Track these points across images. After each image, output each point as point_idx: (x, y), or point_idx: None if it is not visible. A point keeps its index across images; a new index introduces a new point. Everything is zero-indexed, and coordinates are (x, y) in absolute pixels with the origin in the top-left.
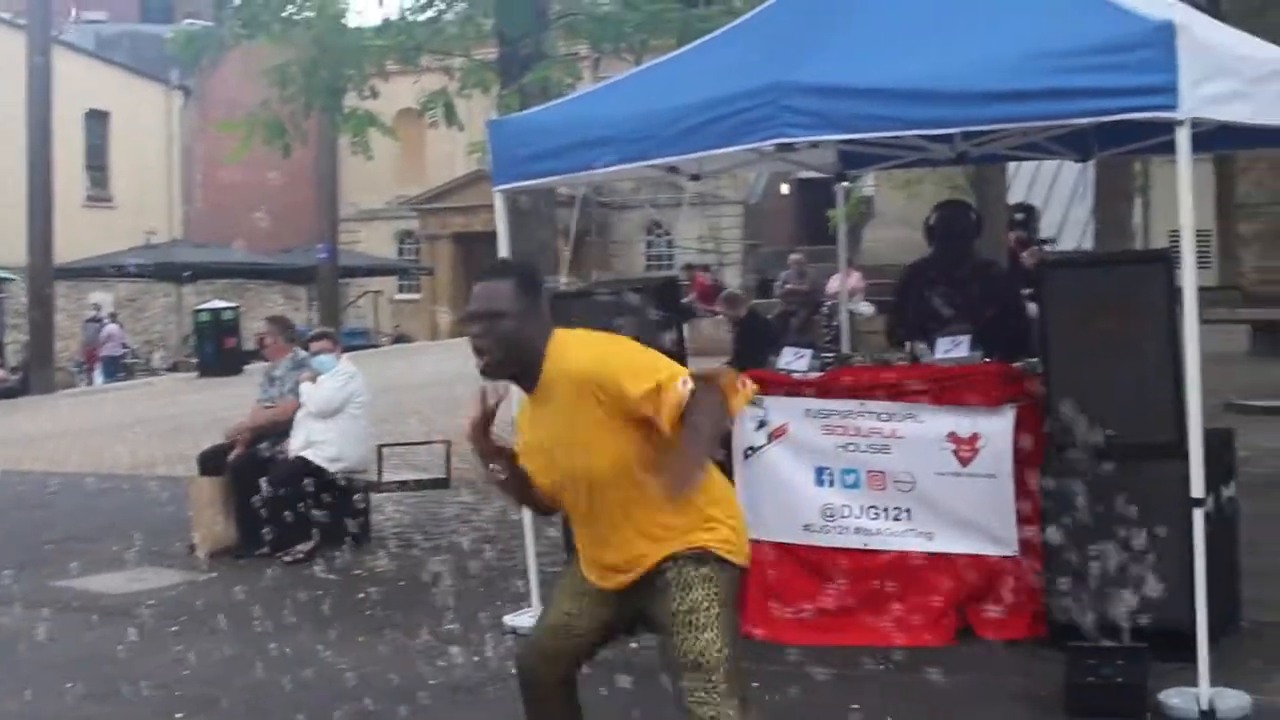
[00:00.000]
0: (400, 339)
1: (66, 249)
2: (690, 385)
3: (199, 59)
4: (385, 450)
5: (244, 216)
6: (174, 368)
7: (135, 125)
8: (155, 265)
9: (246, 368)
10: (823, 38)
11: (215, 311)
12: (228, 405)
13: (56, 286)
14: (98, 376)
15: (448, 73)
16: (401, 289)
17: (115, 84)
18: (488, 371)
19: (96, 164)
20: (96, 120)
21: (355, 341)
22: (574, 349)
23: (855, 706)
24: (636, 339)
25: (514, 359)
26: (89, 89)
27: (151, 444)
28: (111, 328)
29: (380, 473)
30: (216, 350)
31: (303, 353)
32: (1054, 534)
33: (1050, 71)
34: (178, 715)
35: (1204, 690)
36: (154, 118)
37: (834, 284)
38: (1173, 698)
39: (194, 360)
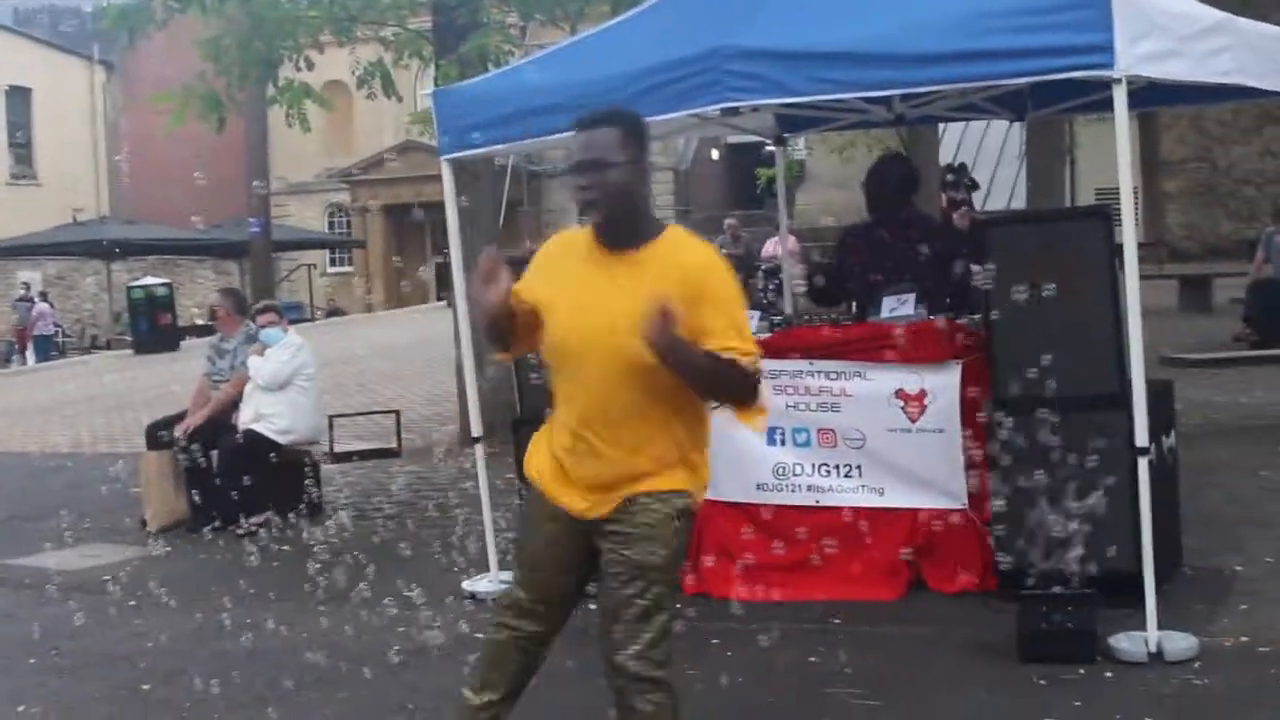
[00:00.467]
0: (334, 313)
1: None
2: (751, 360)
3: (132, 34)
4: (335, 421)
5: (171, 192)
6: (107, 345)
7: (58, 101)
8: (84, 243)
9: (183, 343)
10: (762, 2)
11: (149, 288)
12: (165, 381)
13: None
14: (30, 356)
15: (382, 43)
16: (333, 262)
17: (36, 59)
18: (600, 230)
19: (19, 141)
20: (18, 96)
21: (289, 316)
22: (695, 243)
23: (813, 659)
24: None
25: (625, 213)
26: (9, 64)
27: (93, 421)
28: (42, 306)
29: (331, 444)
30: (151, 327)
31: (253, 326)
32: (1001, 486)
33: (990, 32)
34: (144, 687)
35: (1152, 634)
36: (77, 93)
37: (770, 247)
38: (1122, 641)
39: (127, 337)
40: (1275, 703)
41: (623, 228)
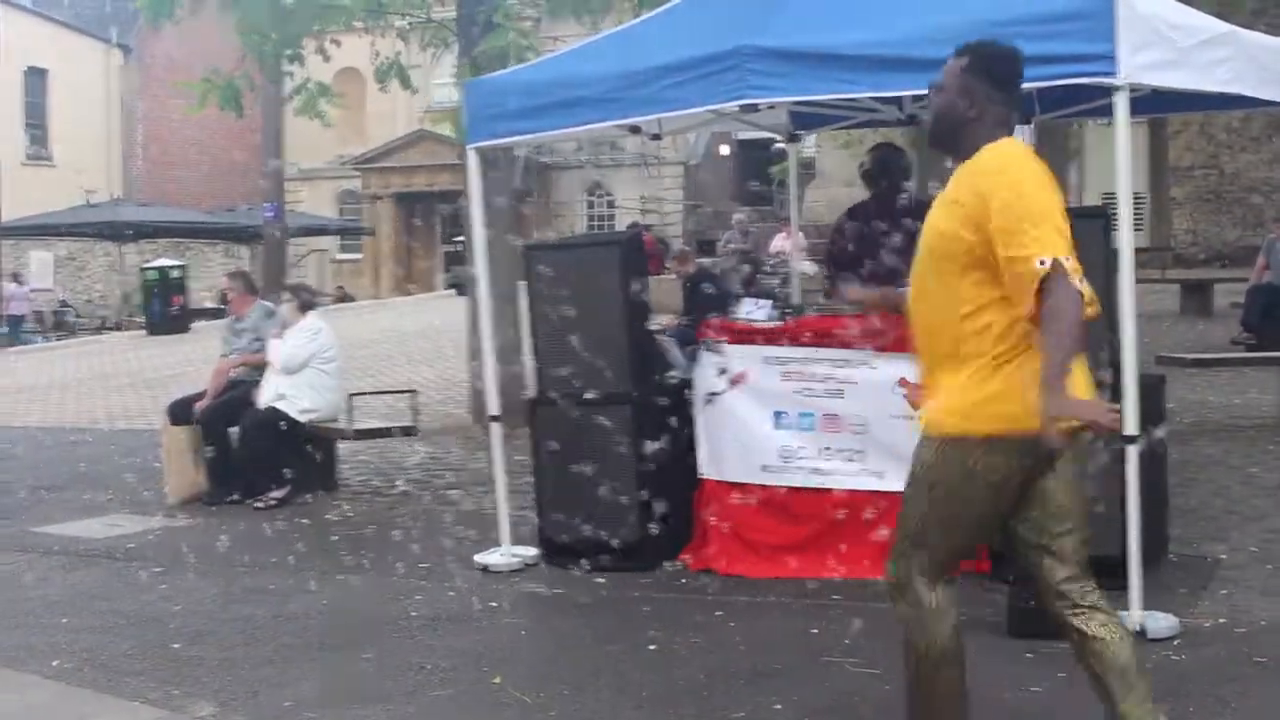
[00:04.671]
0: (343, 299)
1: (6, 208)
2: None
3: (165, 17)
4: (355, 400)
5: (184, 175)
6: (117, 326)
7: (75, 83)
8: (97, 224)
9: (193, 326)
10: (783, 3)
11: (163, 270)
12: (179, 361)
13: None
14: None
15: (400, 35)
16: (343, 249)
17: (54, 41)
18: (931, 144)
19: (35, 122)
20: (35, 78)
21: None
22: (992, 149)
23: (814, 631)
24: (606, 293)
25: (941, 132)
26: (28, 46)
27: (110, 399)
28: (12, 287)
29: (350, 422)
30: (164, 308)
31: (270, 305)
32: None
33: (1001, 39)
34: (174, 645)
35: (1136, 613)
36: (94, 76)
37: (777, 242)
38: None
39: (138, 319)
40: (1248, 677)
41: (945, 143)
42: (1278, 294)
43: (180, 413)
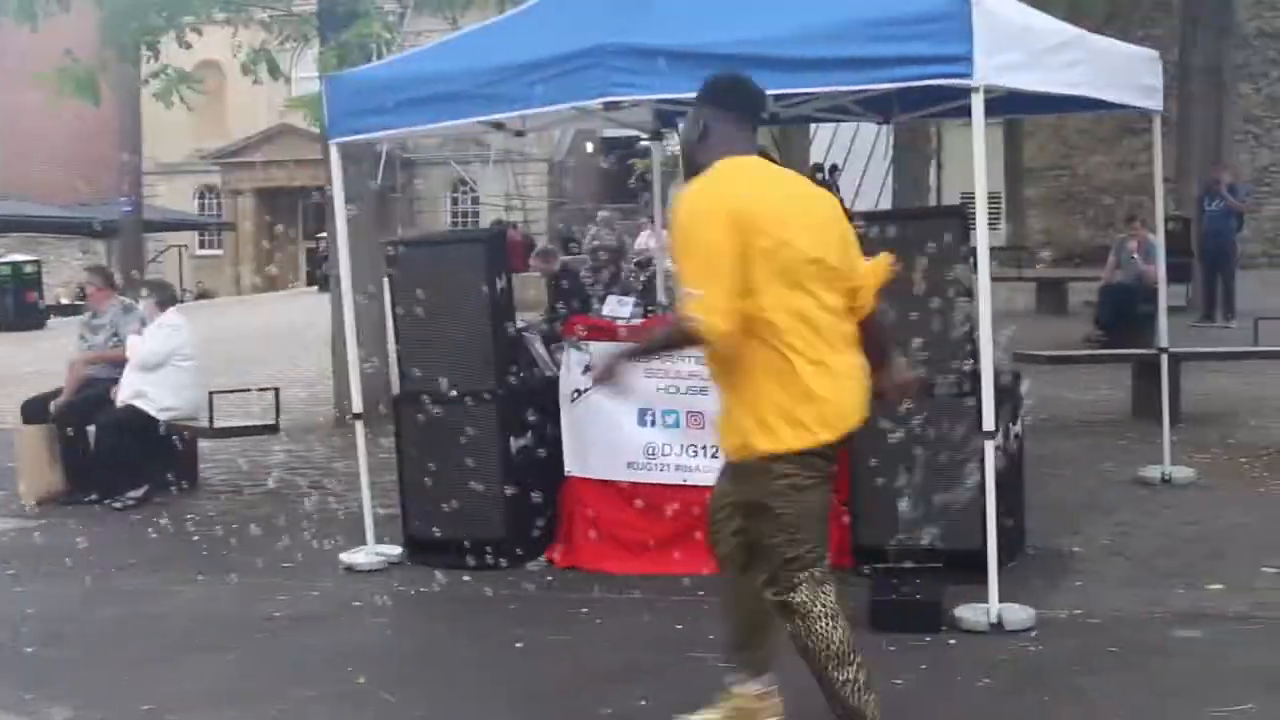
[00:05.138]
0: (203, 295)
1: None
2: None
3: (30, 19)
4: (216, 398)
5: (37, 168)
6: None
7: None
8: None
9: (49, 322)
10: (648, 1)
11: (15, 265)
12: (33, 359)
13: None
14: None
15: (264, 26)
16: (202, 244)
17: None
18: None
19: None
20: None
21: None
22: (698, 182)
23: (679, 627)
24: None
25: (683, 159)
26: None
27: None
28: None
29: (211, 420)
30: (17, 304)
31: (128, 301)
32: (859, 468)
33: (860, 40)
34: (29, 649)
35: (993, 605)
36: None
37: (643, 239)
38: (965, 612)
39: None
40: (1102, 667)
41: (687, 169)
42: (1128, 293)
43: (35, 411)
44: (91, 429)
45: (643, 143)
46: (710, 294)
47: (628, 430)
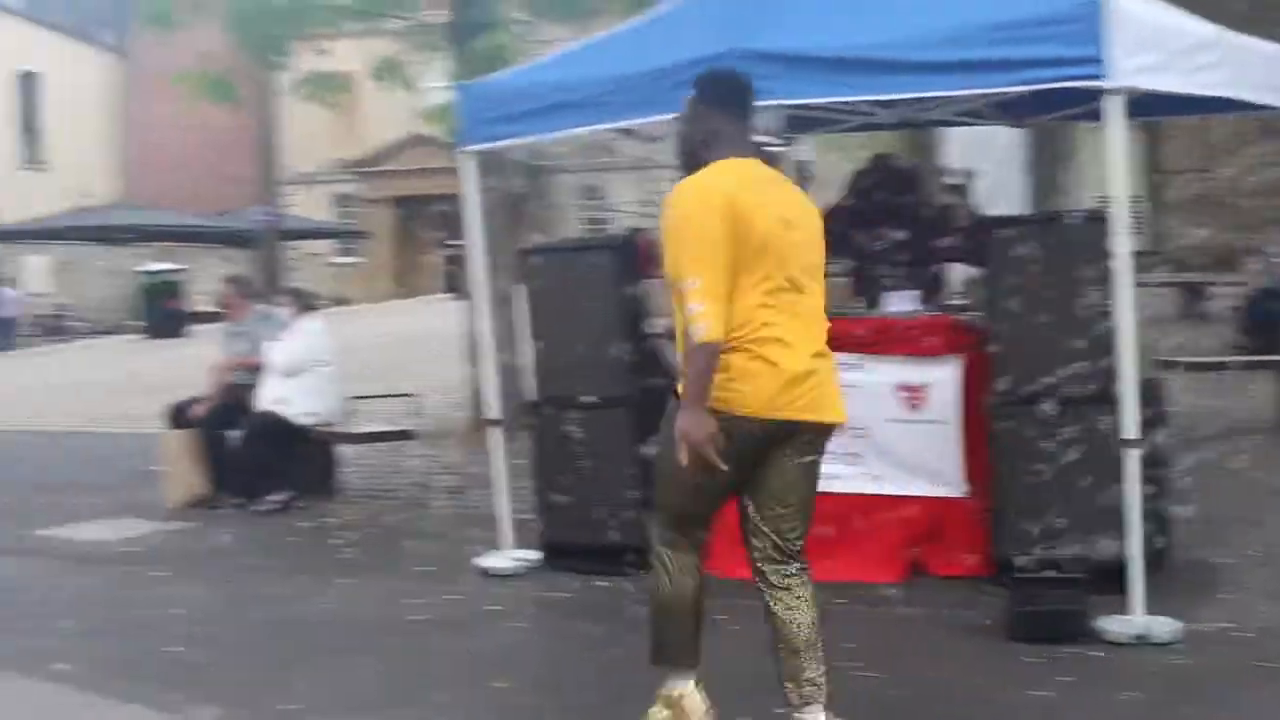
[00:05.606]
0: (339, 302)
1: (1, 213)
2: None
3: (165, 24)
4: (354, 403)
5: (179, 179)
6: (115, 330)
7: (68, 87)
8: (93, 228)
9: (191, 329)
10: (775, 6)
11: (160, 274)
12: (177, 364)
13: None
14: None
15: (395, 36)
16: (340, 252)
17: (48, 45)
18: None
19: (30, 126)
20: (29, 82)
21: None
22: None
23: None
24: (602, 296)
25: (682, 159)
26: (21, 50)
27: (107, 402)
28: (5, 291)
29: (349, 425)
30: (161, 312)
31: (268, 308)
32: (1000, 476)
33: (992, 43)
34: (177, 649)
35: (1138, 617)
36: (88, 80)
37: None
38: (1110, 624)
39: (135, 322)
40: (1251, 682)
41: (687, 168)
42: (1274, 298)
43: (179, 416)
44: (233, 434)
45: (773, 148)
46: (707, 280)
47: None
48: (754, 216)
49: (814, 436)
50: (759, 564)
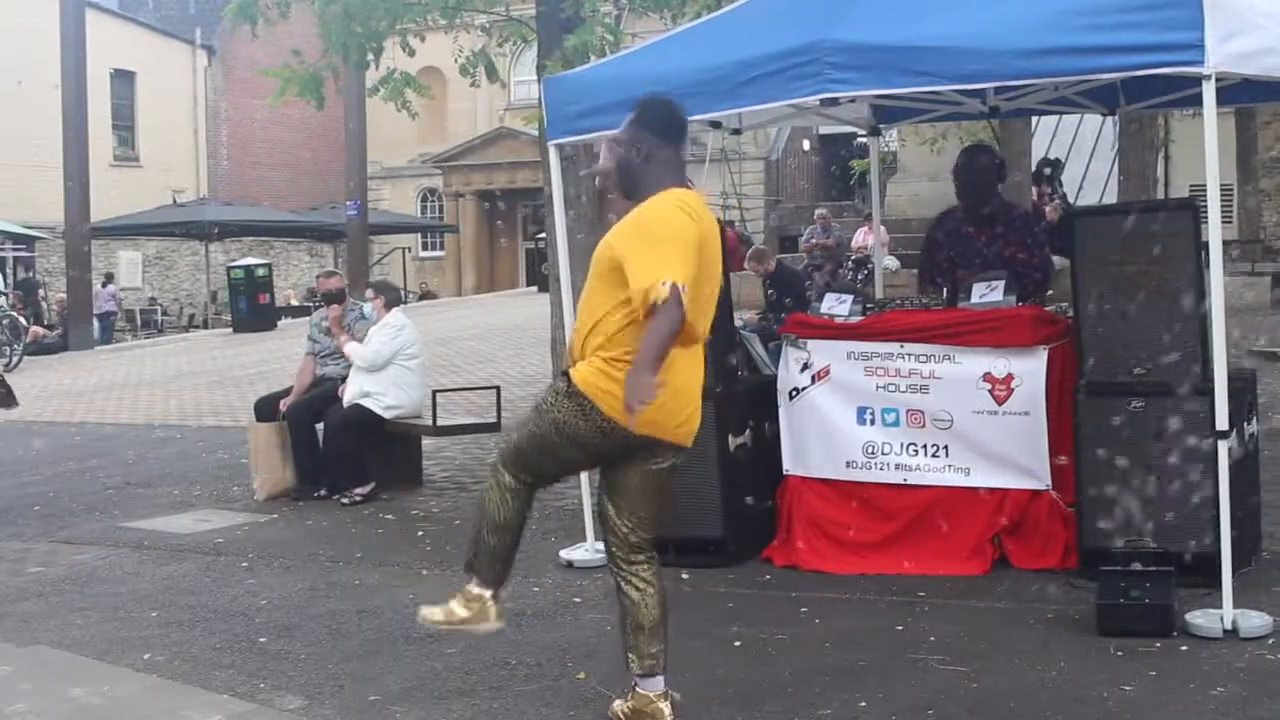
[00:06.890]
0: (425, 296)
1: (94, 208)
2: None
3: (252, 21)
4: (438, 396)
5: (268, 175)
6: (204, 324)
7: (160, 84)
8: (184, 223)
9: (279, 323)
10: None
11: (249, 269)
12: (265, 358)
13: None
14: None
15: (484, 30)
16: (425, 246)
17: (140, 43)
18: (617, 189)
19: (123, 123)
20: (122, 80)
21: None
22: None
23: (899, 628)
24: None
25: (620, 182)
26: (115, 48)
27: (197, 396)
28: (102, 287)
29: (435, 418)
30: (250, 306)
31: (361, 305)
32: (1085, 468)
33: (1082, 29)
34: (262, 639)
35: (1228, 611)
36: (179, 77)
37: (859, 238)
38: (1198, 618)
39: (224, 316)
40: None
41: (625, 191)
42: None
43: (267, 409)
44: (320, 427)
45: (860, 140)
46: (680, 276)
47: (847, 429)
48: (703, 264)
49: (672, 448)
50: (614, 549)
